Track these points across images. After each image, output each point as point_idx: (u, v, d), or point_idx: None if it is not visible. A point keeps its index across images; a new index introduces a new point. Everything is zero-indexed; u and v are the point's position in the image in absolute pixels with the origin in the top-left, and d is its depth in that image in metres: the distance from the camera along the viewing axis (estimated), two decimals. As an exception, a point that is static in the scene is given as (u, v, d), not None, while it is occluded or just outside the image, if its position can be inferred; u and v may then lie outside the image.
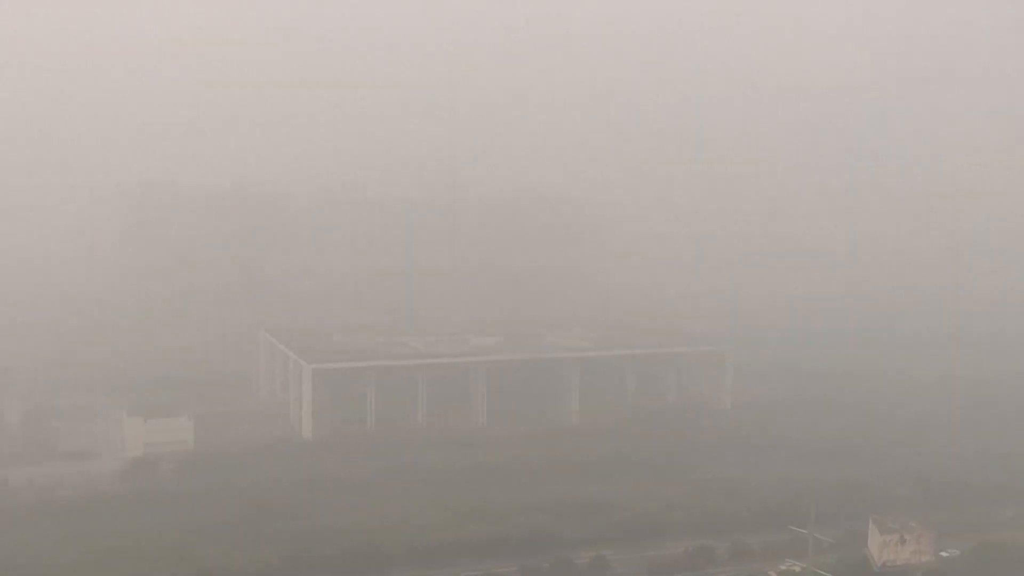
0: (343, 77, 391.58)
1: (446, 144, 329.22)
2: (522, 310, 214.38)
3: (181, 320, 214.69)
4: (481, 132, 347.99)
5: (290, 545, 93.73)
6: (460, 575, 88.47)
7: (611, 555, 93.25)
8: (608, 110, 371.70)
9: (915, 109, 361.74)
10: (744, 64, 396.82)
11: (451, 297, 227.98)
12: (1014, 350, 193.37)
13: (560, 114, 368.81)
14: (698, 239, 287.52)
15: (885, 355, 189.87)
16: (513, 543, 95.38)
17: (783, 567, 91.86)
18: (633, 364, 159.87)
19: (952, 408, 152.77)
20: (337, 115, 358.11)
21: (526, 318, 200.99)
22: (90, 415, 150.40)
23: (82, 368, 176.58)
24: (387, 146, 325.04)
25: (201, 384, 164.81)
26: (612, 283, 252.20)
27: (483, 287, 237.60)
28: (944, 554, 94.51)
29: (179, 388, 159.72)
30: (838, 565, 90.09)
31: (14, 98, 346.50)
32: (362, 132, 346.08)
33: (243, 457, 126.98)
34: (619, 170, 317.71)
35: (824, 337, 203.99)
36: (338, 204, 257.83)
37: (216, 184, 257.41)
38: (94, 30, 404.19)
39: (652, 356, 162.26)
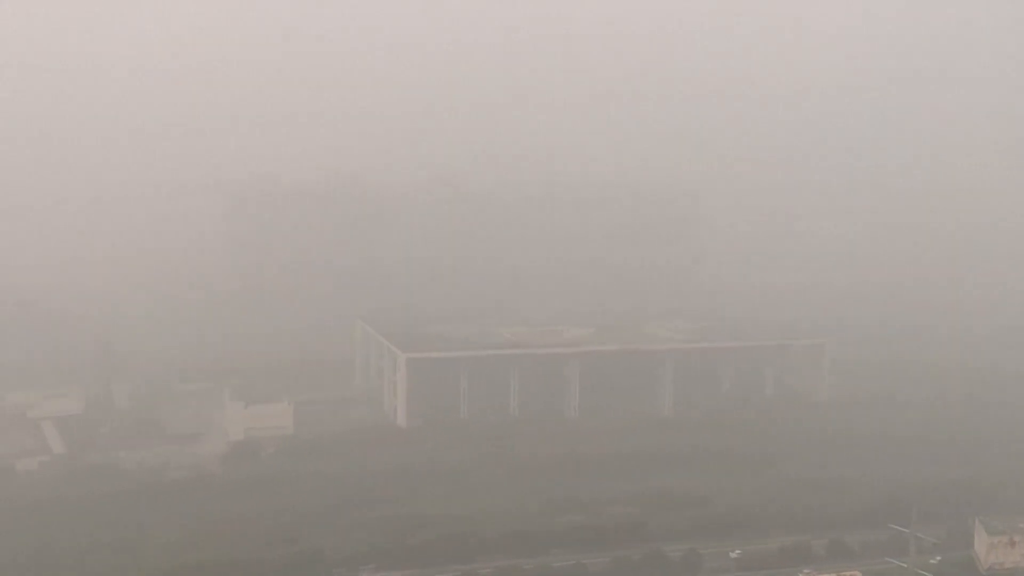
0: (434, 68, 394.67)
1: (540, 136, 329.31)
2: (617, 303, 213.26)
3: (282, 309, 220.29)
4: (575, 125, 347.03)
5: (385, 531, 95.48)
6: (552, 565, 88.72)
7: (704, 549, 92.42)
8: (707, 102, 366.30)
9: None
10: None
11: (545, 290, 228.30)
12: None
13: (658, 106, 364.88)
14: (799, 235, 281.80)
15: (991, 349, 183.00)
16: (605, 534, 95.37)
17: (883, 567, 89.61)
18: (729, 357, 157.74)
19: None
20: (431, 107, 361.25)
21: (621, 311, 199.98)
22: (195, 399, 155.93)
23: (189, 354, 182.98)
24: (481, 139, 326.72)
25: (300, 371, 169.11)
26: (709, 277, 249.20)
27: (578, 280, 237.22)
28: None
29: (279, 375, 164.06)
30: (941, 566, 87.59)
31: (125, 94, 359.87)
32: (457, 124, 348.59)
33: (340, 443, 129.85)
34: (720, 164, 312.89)
35: (928, 331, 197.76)
36: (433, 196, 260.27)
37: (316, 178, 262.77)
38: (183, 21, 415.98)
39: (748, 349, 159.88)
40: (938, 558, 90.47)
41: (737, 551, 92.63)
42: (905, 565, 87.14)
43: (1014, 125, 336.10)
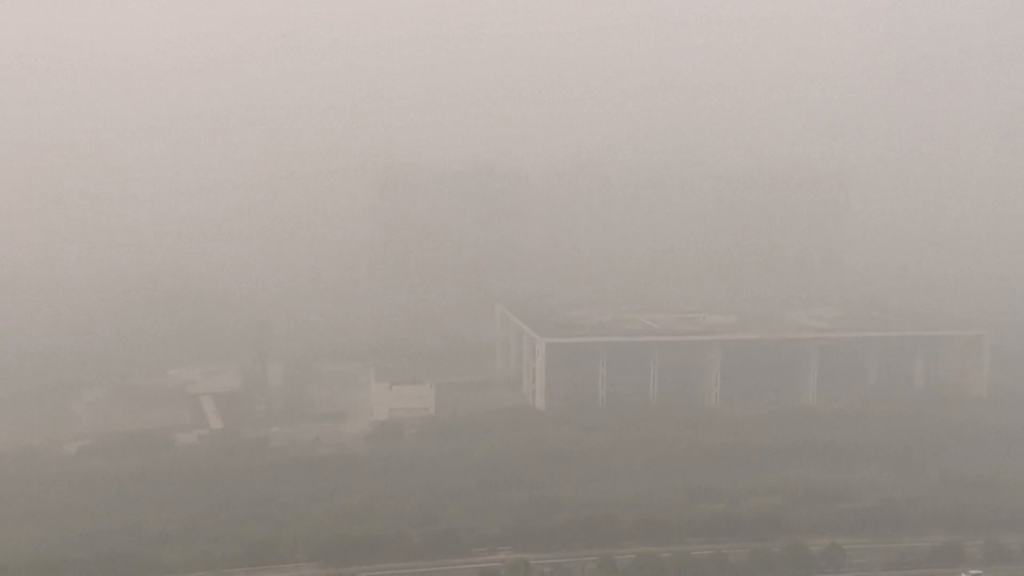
0: (572, 54, 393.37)
1: (681, 120, 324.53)
2: (760, 289, 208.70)
3: (425, 293, 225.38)
4: (718, 107, 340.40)
5: (523, 513, 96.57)
6: (690, 554, 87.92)
7: (848, 544, 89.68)
8: (858, 83, 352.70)
9: None
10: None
11: (686, 276, 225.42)
12: None
13: (804, 87, 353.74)
14: (954, 220, 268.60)
15: None
16: (744, 525, 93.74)
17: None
18: (878, 347, 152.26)
19: None
20: (569, 92, 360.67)
21: (764, 297, 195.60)
22: (342, 380, 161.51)
23: (337, 335, 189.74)
24: (621, 123, 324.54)
25: (443, 354, 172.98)
26: (859, 263, 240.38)
27: (720, 266, 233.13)
28: None
29: (423, 357, 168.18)
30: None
31: (278, 82, 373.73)
32: (597, 109, 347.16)
33: (479, 425, 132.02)
34: (869, 146, 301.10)
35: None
36: (573, 181, 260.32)
37: (457, 164, 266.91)
38: (327, 11, 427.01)
39: (899, 339, 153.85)
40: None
41: None
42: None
43: None
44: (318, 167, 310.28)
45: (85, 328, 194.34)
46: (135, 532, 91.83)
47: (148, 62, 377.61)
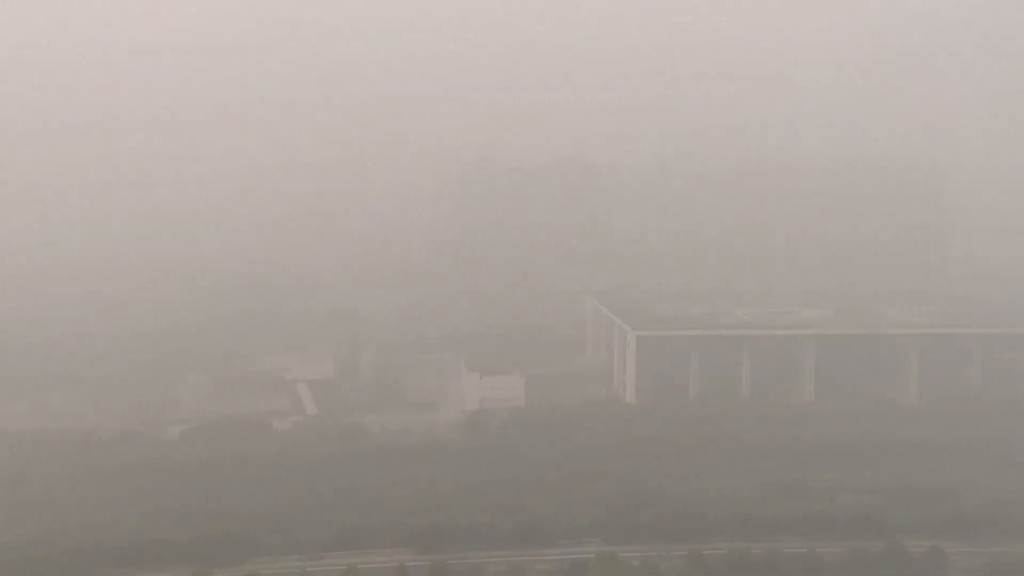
0: (660, 46, 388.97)
1: (777, 110, 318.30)
2: (858, 283, 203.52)
3: (516, 284, 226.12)
4: (814, 97, 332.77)
5: (611, 506, 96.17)
6: (782, 551, 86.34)
7: (949, 547, 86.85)
8: (961, 72, 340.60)
9: None
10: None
11: (780, 269, 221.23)
12: None
13: (904, 78, 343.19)
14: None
15: None
16: (839, 524, 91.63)
17: None
18: (982, 344, 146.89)
19: None
20: (661, 83, 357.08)
21: (861, 291, 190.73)
22: (433, 368, 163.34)
23: (427, 324, 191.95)
24: (714, 115, 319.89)
25: (533, 344, 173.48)
26: (959, 257, 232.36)
27: (815, 260, 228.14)
28: None
29: (512, 347, 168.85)
30: None
31: (372, 77, 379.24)
32: (688, 100, 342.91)
33: (570, 417, 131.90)
34: (972, 136, 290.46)
35: None
36: (664, 173, 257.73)
37: (545, 156, 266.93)
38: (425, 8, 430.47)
39: (1005, 336, 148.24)
40: None
41: None
42: None
43: None
44: (408, 157, 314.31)
45: (187, 315, 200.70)
46: (233, 515, 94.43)
47: (223, 44, 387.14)
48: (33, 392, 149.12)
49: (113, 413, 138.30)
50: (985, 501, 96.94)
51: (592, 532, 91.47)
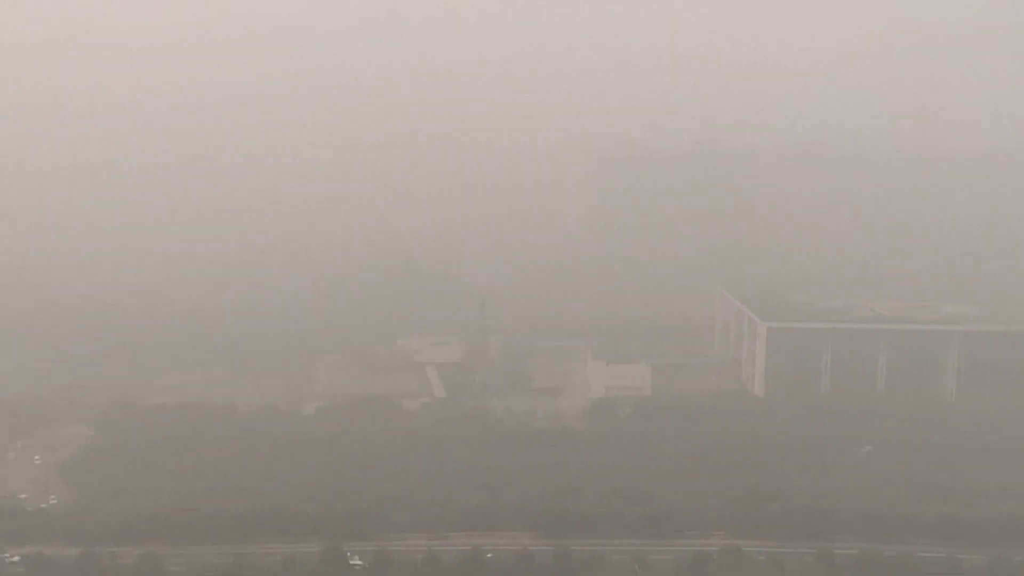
0: (804, 30, 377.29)
1: (931, 97, 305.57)
2: (1009, 277, 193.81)
3: (645, 271, 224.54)
4: (956, 88, 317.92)
5: (737, 500, 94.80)
6: (916, 555, 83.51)
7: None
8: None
9: None
10: None
11: (921, 259, 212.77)
12: None
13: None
14: None
15: None
16: (979, 529, 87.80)
17: None
18: None
19: None
20: (800, 68, 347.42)
21: (1012, 287, 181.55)
22: (560, 355, 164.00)
23: (555, 311, 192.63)
24: (854, 99, 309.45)
25: (660, 333, 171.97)
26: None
27: (961, 251, 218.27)
28: None
29: (640, 336, 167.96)
30: None
31: (489, 50, 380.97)
32: (828, 85, 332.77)
33: (695, 407, 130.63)
34: None
35: None
36: (802, 159, 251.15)
37: (682, 142, 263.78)
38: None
39: None
40: None
41: None
42: None
43: None
44: (539, 142, 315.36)
45: (325, 299, 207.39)
46: (363, 491, 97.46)
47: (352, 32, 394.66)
48: (186, 367, 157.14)
49: (255, 389, 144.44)
50: None
51: (717, 524, 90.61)
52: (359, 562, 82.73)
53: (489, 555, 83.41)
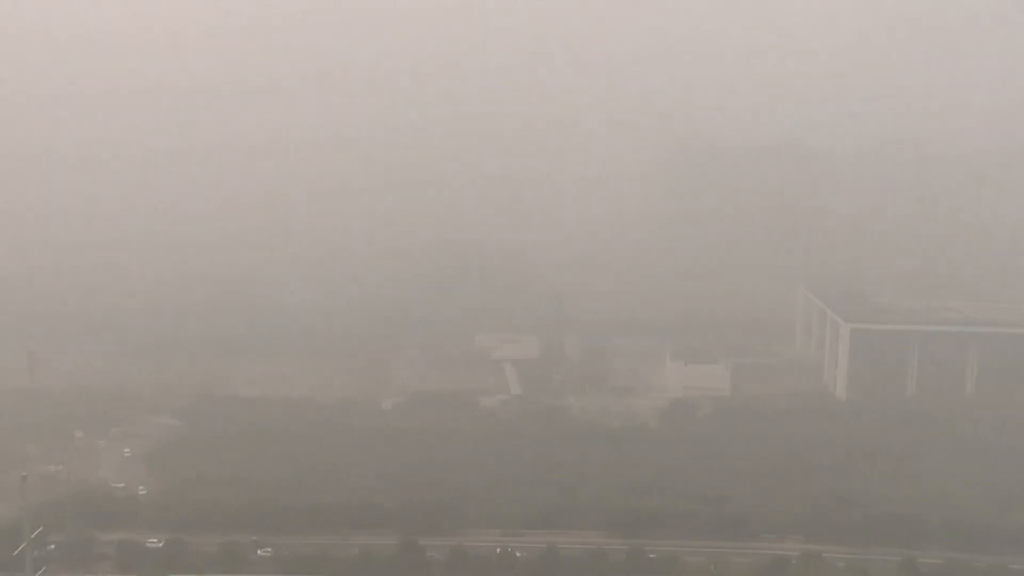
0: (894, 25, 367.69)
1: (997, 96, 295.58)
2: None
3: (725, 270, 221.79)
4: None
5: (816, 504, 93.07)
6: (1009, 567, 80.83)
7: None
8: None
9: None
10: None
11: (1011, 260, 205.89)
12: None
13: None
14: None
15: None
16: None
17: None
18: None
19: None
20: (884, 65, 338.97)
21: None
22: (637, 354, 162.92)
23: (632, 309, 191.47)
24: (938, 97, 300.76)
25: (739, 333, 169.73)
26: None
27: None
28: None
29: (718, 336, 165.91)
30: None
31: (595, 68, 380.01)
32: (914, 82, 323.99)
33: (774, 409, 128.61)
34: None
35: None
36: (886, 157, 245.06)
37: (758, 141, 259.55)
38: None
39: None
40: None
41: None
42: None
43: None
44: (616, 138, 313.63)
45: (403, 293, 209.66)
46: (439, 486, 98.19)
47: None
48: (267, 359, 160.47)
49: (335, 384, 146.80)
50: None
51: (795, 528, 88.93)
52: (267, 552, 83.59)
53: (564, 553, 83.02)
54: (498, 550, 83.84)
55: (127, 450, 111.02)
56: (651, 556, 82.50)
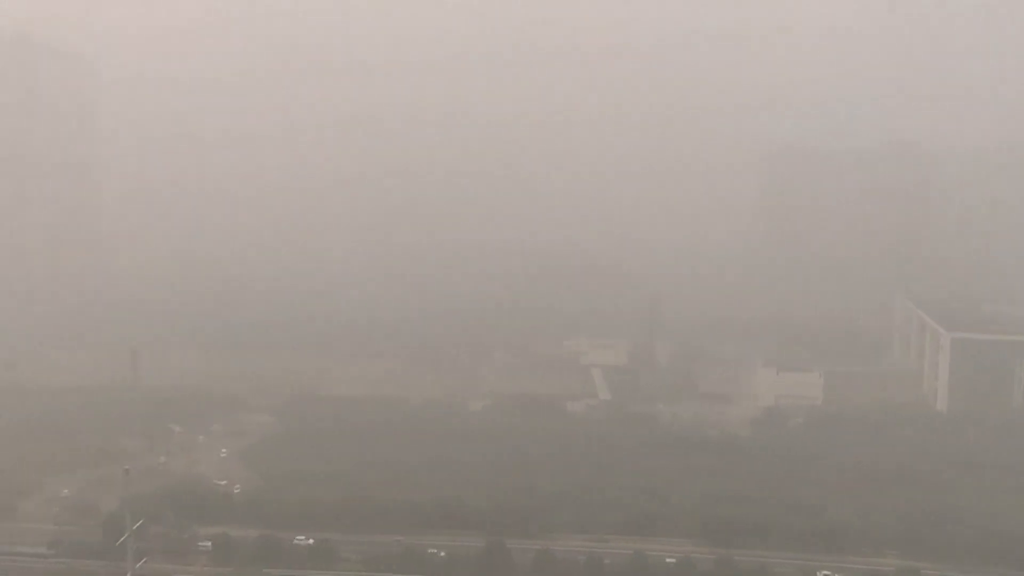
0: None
1: None
2: None
3: (822, 276, 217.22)
4: None
5: (912, 519, 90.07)
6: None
7: None
8: None
9: None
10: None
11: None
12: None
13: None
14: None
15: None
16: None
17: None
18: None
19: None
20: (989, 73, 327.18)
21: None
22: (729, 362, 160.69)
23: (726, 315, 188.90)
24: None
25: (834, 341, 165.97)
26: None
27: None
28: None
29: (812, 344, 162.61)
30: None
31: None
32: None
33: (872, 420, 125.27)
34: None
35: None
36: (999, 162, 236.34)
37: (859, 146, 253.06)
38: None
39: None
40: None
41: None
42: None
43: None
44: (714, 138, 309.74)
45: (496, 294, 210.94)
46: (526, 490, 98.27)
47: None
48: (360, 360, 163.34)
49: (422, 384, 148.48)
50: None
51: (892, 544, 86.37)
52: (207, 544, 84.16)
53: (651, 561, 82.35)
54: (584, 557, 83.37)
55: (223, 452, 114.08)
56: (740, 565, 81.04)
